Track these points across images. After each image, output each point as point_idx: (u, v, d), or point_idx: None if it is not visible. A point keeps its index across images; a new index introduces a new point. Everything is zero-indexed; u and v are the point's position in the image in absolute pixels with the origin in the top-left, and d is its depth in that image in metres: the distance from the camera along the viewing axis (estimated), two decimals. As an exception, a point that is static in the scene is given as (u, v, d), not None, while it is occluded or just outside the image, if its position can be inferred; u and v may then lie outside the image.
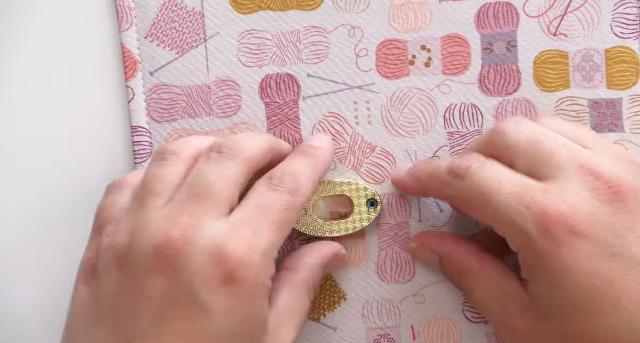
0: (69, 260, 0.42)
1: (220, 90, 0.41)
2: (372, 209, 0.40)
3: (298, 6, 0.41)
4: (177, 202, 0.33)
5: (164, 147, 0.36)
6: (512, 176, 0.34)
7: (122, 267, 0.33)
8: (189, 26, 0.41)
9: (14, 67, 0.42)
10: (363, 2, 0.40)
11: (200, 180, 0.33)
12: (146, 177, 0.35)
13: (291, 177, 0.35)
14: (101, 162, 0.42)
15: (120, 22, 0.41)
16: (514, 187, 0.33)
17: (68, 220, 0.42)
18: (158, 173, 0.35)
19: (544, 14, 0.40)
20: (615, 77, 0.39)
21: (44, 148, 0.42)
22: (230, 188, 0.33)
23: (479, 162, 0.35)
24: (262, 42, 0.41)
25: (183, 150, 0.36)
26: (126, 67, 0.41)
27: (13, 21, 0.42)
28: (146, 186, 0.34)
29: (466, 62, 0.40)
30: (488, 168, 0.34)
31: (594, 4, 0.39)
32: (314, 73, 0.41)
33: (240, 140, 0.35)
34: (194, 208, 0.32)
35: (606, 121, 0.40)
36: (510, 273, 0.35)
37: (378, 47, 0.41)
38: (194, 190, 0.33)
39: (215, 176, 0.33)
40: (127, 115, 0.42)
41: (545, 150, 0.34)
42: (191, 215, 0.32)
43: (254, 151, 0.35)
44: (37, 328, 0.42)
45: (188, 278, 0.31)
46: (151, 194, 0.34)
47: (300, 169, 0.35)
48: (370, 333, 0.41)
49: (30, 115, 0.42)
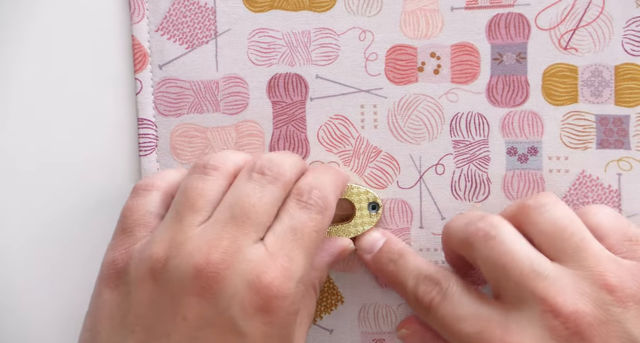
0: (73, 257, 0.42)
1: (228, 86, 0.41)
2: (373, 212, 0.40)
3: (310, 7, 0.41)
4: (217, 222, 0.33)
5: (205, 161, 0.36)
6: (469, 309, 0.34)
7: (156, 280, 0.32)
8: (200, 21, 0.41)
9: (25, 53, 0.42)
10: (375, 6, 0.40)
11: (241, 202, 0.33)
12: (187, 189, 0.35)
13: (318, 191, 0.35)
14: (105, 153, 0.42)
15: (132, 13, 0.41)
16: (473, 326, 0.33)
17: (71, 215, 0.42)
18: (200, 188, 0.35)
19: (555, 27, 0.40)
20: (623, 93, 0.39)
21: (48, 137, 0.42)
22: (269, 212, 0.34)
23: (440, 293, 0.35)
24: (272, 40, 0.41)
25: (224, 165, 0.36)
26: (135, 59, 0.41)
27: (26, 8, 0.42)
28: (186, 199, 0.34)
29: (475, 71, 0.40)
30: (448, 301, 0.35)
31: (606, 20, 0.39)
32: (323, 74, 0.41)
33: (280, 162, 0.35)
34: (235, 231, 0.33)
35: (612, 137, 0.40)
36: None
37: (388, 52, 0.41)
38: (234, 211, 0.33)
39: (257, 199, 0.34)
40: (133, 107, 0.42)
41: (509, 279, 0.34)
42: (232, 238, 0.32)
43: (292, 173, 0.36)
44: (37, 328, 0.42)
45: (226, 302, 0.31)
46: (191, 209, 0.34)
47: (325, 182, 0.36)
48: (366, 337, 0.41)
49: (37, 102, 0.42)
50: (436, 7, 0.40)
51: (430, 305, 0.35)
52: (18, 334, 0.42)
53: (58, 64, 0.42)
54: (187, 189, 0.35)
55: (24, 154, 0.42)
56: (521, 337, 0.32)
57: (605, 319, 0.32)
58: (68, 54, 0.42)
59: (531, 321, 0.32)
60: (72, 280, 0.42)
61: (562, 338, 0.32)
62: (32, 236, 0.42)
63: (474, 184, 0.40)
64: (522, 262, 0.33)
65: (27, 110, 0.42)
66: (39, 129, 0.42)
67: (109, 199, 0.42)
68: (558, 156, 0.40)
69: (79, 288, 0.42)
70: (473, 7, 0.40)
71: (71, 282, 0.42)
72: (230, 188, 0.35)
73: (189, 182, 0.35)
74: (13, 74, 0.42)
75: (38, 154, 0.42)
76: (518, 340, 0.32)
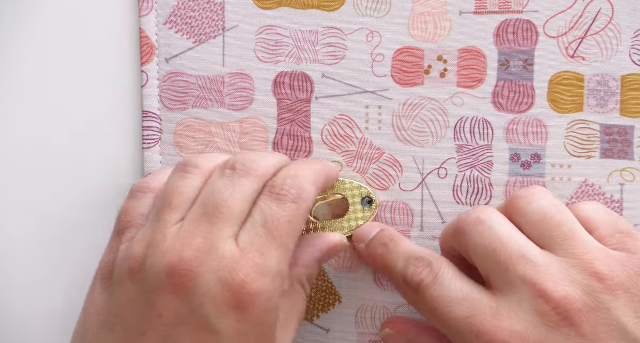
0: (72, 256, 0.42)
1: (234, 82, 0.41)
2: (367, 207, 0.40)
3: (319, 6, 0.41)
4: (192, 220, 0.33)
5: (188, 159, 0.36)
6: (461, 292, 0.34)
7: (134, 280, 0.33)
8: (208, 16, 0.41)
9: (32, 44, 0.42)
10: (384, 7, 0.40)
11: (213, 198, 0.33)
12: (167, 187, 0.35)
13: (292, 181, 0.34)
14: (109, 146, 0.42)
15: (141, 6, 0.41)
16: (463, 309, 0.33)
17: (73, 207, 0.42)
18: (178, 186, 0.35)
19: (563, 35, 0.40)
20: (629, 104, 0.39)
21: (52, 128, 0.42)
22: (242, 206, 0.33)
23: (431, 274, 0.35)
24: (280, 38, 0.41)
25: (205, 164, 0.36)
26: (142, 52, 0.41)
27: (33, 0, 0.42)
28: (165, 198, 0.35)
29: (481, 76, 0.40)
30: (439, 283, 0.34)
31: (615, 30, 0.39)
32: (329, 74, 0.41)
33: (254, 158, 0.35)
34: (208, 228, 0.33)
35: (616, 147, 0.40)
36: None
37: (395, 54, 0.41)
38: (207, 209, 0.33)
39: (228, 194, 0.33)
40: (139, 99, 0.41)
41: (500, 263, 0.34)
42: (205, 235, 0.32)
43: (267, 168, 0.35)
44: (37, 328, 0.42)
45: (199, 300, 0.31)
46: (169, 207, 0.34)
47: (301, 172, 0.35)
48: (362, 337, 0.41)
49: (42, 93, 0.42)
50: (445, 11, 0.40)
51: (419, 285, 0.35)
52: (18, 334, 0.42)
53: (65, 55, 0.42)
54: (167, 189, 0.35)
55: (28, 143, 0.42)
56: (511, 322, 0.32)
57: (595, 306, 0.32)
58: (75, 45, 0.42)
59: (522, 306, 0.32)
60: (74, 277, 0.42)
61: (552, 324, 0.32)
62: (34, 230, 0.42)
63: (476, 189, 0.40)
64: (511, 247, 0.34)
65: (32, 101, 0.42)
66: (43, 119, 0.42)
67: (111, 192, 0.42)
68: (561, 164, 0.40)
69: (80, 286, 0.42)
70: (482, 12, 0.40)
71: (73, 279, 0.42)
72: (205, 187, 0.35)
73: (169, 182, 0.35)
74: (19, 65, 0.42)
75: (41, 145, 0.42)
76: (508, 324, 0.32)
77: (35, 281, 0.42)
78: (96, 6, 0.42)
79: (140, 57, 0.41)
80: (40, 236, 0.42)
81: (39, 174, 0.42)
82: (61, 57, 0.42)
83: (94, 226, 0.42)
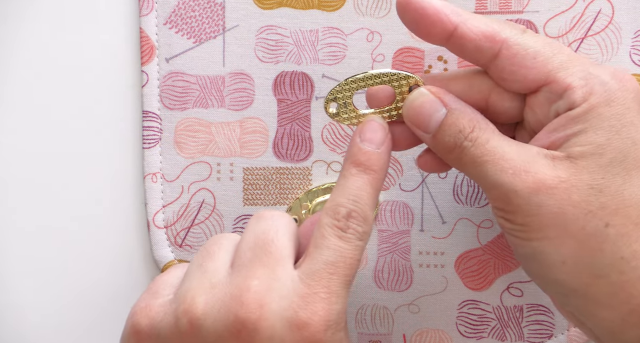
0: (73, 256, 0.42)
1: (234, 82, 0.41)
2: None
3: (319, 6, 0.41)
4: (241, 264, 0.32)
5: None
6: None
7: (194, 335, 0.31)
8: (208, 16, 0.41)
9: (31, 43, 0.42)
10: (384, 7, 0.40)
11: (258, 240, 0.32)
12: (204, 248, 0.34)
13: (357, 214, 0.32)
14: (109, 145, 0.42)
15: (141, 6, 0.41)
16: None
17: (72, 206, 0.42)
18: (217, 243, 0.34)
19: (564, 35, 0.40)
20: (629, 103, 0.39)
21: (52, 127, 0.42)
22: (288, 243, 0.33)
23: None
24: (280, 38, 0.41)
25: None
26: (142, 52, 0.41)
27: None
28: (207, 252, 0.33)
29: (482, 77, 0.40)
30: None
31: (615, 30, 0.39)
32: (329, 74, 0.41)
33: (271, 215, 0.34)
34: (261, 269, 0.31)
35: (616, 147, 0.40)
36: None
37: (395, 54, 0.41)
38: (255, 251, 0.32)
39: (273, 232, 0.32)
40: (139, 99, 0.42)
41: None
42: (259, 277, 0.31)
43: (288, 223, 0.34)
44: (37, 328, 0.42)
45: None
46: (212, 258, 0.33)
47: (363, 196, 0.33)
48: (362, 338, 0.41)
49: (41, 92, 0.42)
50: (445, 11, 0.40)
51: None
52: (18, 334, 0.42)
53: (65, 55, 0.42)
54: (204, 248, 0.34)
55: (28, 143, 0.42)
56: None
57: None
58: (75, 45, 0.42)
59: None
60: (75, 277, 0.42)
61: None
62: (34, 230, 0.42)
63: (475, 189, 0.40)
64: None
65: (32, 101, 0.42)
66: (43, 119, 0.42)
67: (111, 192, 0.42)
68: (561, 164, 0.40)
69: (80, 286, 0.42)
70: (482, 12, 0.40)
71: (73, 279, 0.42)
72: (243, 234, 0.34)
73: (204, 246, 0.34)
74: (19, 65, 0.42)
75: (42, 145, 0.42)
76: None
77: (35, 281, 0.42)
78: (96, 6, 0.42)
79: (140, 57, 0.41)
80: (41, 236, 0.42)
81: (39, 174, 0.42)
82: (61, 57, 0.42)
83: (94, 226, 0.42)
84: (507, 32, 0.32)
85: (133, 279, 0.42)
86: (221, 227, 0.41)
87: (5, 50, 0.42)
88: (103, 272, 0.42)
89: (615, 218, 0.30)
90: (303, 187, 0.41)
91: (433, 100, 0.33)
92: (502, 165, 0.31)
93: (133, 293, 0.42)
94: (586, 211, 0.30)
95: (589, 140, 0.31)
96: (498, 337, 0.41)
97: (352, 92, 0.34)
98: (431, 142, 0.33)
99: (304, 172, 0.41)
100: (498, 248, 0.41)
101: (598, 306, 0.31)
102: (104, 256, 0.42)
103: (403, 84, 0.34)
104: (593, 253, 0.30)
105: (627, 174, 0.31)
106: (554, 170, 0.31)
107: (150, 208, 0.41)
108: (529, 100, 0.33)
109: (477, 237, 0.40)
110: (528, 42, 0.32)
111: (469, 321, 0.41)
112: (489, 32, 0.32)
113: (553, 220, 0.30)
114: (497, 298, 0.41)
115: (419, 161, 0.36)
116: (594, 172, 0.31)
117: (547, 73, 0.32)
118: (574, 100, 0.31)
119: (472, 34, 0.32)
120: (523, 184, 0.31)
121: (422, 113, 0.33)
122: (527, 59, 0.32)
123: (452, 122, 0.32)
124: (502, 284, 0.41)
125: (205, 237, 0.41)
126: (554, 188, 0.30)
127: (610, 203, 0.30)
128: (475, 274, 0.41)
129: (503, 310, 0.41)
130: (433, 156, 0.35)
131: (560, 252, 0.30)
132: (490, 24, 0.33)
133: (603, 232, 0.30)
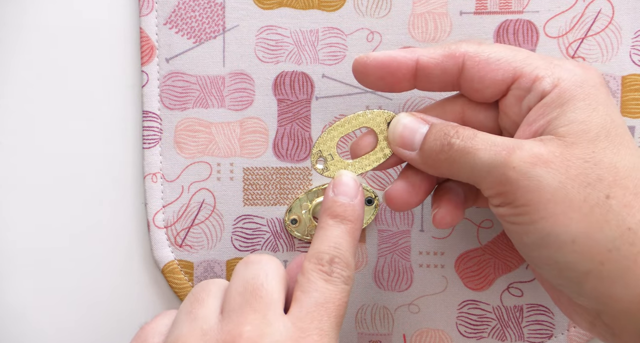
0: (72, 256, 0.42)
1: (234, 82, 0.41)
2: (366, 207, 0.40)
3: (319, 6, 0.41)
4: (231, 310, 0.32)
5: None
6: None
7: None
8: (209, 16, 0.41)
9: (32, 43, 0.42)
10: (384, 7, 0.40)
11: (248, 285, 0.32)
12: (192, 294, 0.34)
13: (340, 260, 0.33)
14: (109, 145, 0.42)
15: (141, 6, 0.41)
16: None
17: (72, 206, 0.42)
18: (204, 289, 0.34)
19: (564, 35, 0.40)
20: (629, 104, 0.39)
21: (52, 128, 0.42)
22: (278, 288, 0.33)
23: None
24: (280, 38, 0.41)
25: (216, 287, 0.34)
26: (143, 52, 0.41)
27: None
28: (195, 298, 0.33)
29: (482, 77, 0.40)
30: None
31: (615, 30, 0.39)
32: (329, 74, 0.41)
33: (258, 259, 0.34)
34: (252, 314, 0.31)
35: (616, 147, 0.40)
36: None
37: (395, 54, 0.41)
38: (245, 296, 0.32)
39: (263, 276, 0.32)
40: (139, 99, 0.42)
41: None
42: (251, 322, 0.31)
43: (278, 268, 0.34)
44: (37, 329, 0.42)
45: None
46: (201, 305, 0.33)
47: (343, 244, 0.34)
48: (362, 338, 0.41)
49: (42, 93, 0.42)
50: (445, 11, 0.40)
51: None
52: (18, 334, 0.42)
53: (65, 55, 0.42)
54: (192, 294, 0.34)
55: (28, 143, 0.42)
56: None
57: None
58: (75, 45, 0.42)
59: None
60: (74, 277, 0.42)
61: None
62: (34, 229, 0.42)
63: (476, 189, 0.40)
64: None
65: (32, 101, 0.42)
66: (43, 119, 0.42)
67: (111, 192, 0.42)
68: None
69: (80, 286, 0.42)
70: (482, 12, 0.40)
71: (73, 279, 0.42)
72: (231, 279, 0.34)
73: (191, 293, 0.34)
74: (19, 65, 0.42)
75: (42, 145, 0.42)
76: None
77: (35, 281, 0.42)
78: (96, 6, 0.42)
79: (140, 57, 0.41)
80: (41, 236, 0.42)
81: (39, 174, 0.42)
82: (61, 57, 0.42)
83: (94, 225, 0.42)
84: (464, 46, 0.34)
85: (133, 279, 0.42)
86: (221, 227, 0.41)
87: (6, 51, 0.42)
88: (103, 271, 0.42)
89: (615, 190, 0.30)
90: (303, 187, 0.41)
91: (414, 120, 0.35)
92: (494, 150, 0.32)
93: (133, 293, 0.42)
94: (585, 183, 0.30)
95: (571, 118, 0.31)
96: (498, 337, 0.41)
97: (334, 140, 0.36)
98: (419, 156, 0.34)
99: (304, 172, 0.41)
100: (498, 248, 0.41)
101: (613, 285, 0.30)
102: (104, 256, 0.42)
103: (381, 122, 0.36)
104: (600, 226, 0.30)
105: (614, 148, 0.31)
106: (546, 147, 0.31)
107: (150, 208, 0.41)
108: (501, 106, 0.34)
109: (477, 237, 0.41)
110: (487, 49, 0.34)
111: (469, 321, 0.41)
112: (448, 52, 0.34)
113: (554, 195, 0.30)
114: (497, 298, 0.41)
115: (436, 217, 0.36)
116: (584, 147, 0.31)
117: (514, 70, 0.33)
118: (544, 88, 0.32)
119: (433, 60, 0.34)
120: (520, 159, 0.31)
121: (405, 133, 0.35)
122: (491, 62, 0.33)
123: (436, 130, 0.34)
124: (502, 284, 0.41)
125: (205, 237, 0.41)
126: (550, 162, 0.31)
127: (606, 175, 0.31)
128: (475, 274, 0.41)
129: (503, 310, 0.41)
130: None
131: (568, 231, 0.30)
132: (445, 46, 0.34)
133: (605, 203, 0.30)
